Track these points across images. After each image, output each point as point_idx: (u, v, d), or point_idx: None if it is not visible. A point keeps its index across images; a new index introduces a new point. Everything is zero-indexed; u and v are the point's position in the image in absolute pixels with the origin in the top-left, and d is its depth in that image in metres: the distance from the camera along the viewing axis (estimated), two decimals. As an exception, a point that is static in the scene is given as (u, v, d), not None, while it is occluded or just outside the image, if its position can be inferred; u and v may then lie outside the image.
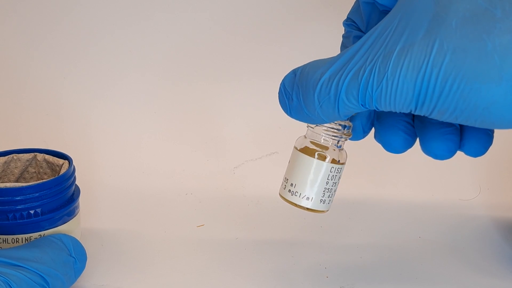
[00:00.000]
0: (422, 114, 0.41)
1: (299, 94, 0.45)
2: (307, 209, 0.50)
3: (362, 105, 0.42)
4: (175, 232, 0.62)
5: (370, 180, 0.72)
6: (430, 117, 0.41)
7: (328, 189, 0.50)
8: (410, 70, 0.39)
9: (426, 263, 0.58)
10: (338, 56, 0.43)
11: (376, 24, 0.47)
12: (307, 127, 0.50)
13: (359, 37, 0.48)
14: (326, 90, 0.43)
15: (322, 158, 0.49)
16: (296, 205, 0.50)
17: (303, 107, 0.45)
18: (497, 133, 0.75)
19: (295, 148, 0.50)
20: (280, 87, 0.47)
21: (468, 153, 0.48)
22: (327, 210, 0.51)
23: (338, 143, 0.49)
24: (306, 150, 0.49)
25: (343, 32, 0.51)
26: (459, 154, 0.74)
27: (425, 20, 0.39)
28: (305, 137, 0.50)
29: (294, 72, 0.46)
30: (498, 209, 0.67)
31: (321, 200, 0.50)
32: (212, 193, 0.70)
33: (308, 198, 0.49)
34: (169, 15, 0.76)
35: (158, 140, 0.75)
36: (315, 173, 0.49)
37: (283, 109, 0.47)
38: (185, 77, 0.77)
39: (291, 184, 0.50)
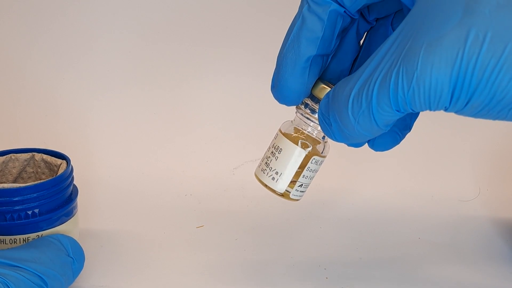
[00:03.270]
0: (454, 111, 0.39)
1: (335, 116, 0.44)
2: (280, 194, 0.49)
3: (397, 110, 0.40)
4: (174, 233, 0.62)
5: (370, 181, 0.72)
6: (460, 113, 0.39)
7: (304, 179, 0.49)
8: (443, 65, 0.37)
9: (426, 263, 0.58)
10: (365, 66, 0.42)
11: (367, 5, 0.46)
12: (296, 113, 0.49)
13: (337, 12, 0.45)
14: (358, 105, 0.42)
15: (305, 146, 0.49)
16: (269, 188, 0.49)
17: (342, 128, 0.43)
18: (496, 134, 0.75)
19: (280, 131, 0.49)
20: (318, 115, 0.46)
21: (371, 147, 0.49)
22: (299, 200, 0.50)
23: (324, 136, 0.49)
24: (289, 136, 0.49)
25: None
26: (460, 155, 0.74)
27: (455, 11, 0.38)
28: (292, 123, 0.50)
29: (327, 96, 0.45)
30: (498, 210, 0.67)
31: (295, 189, 0.49)
32: (212, 194, 0.70)
33: (283, 184, 0.49)
34: (169, 15, 0.76)
35: (157, 141, 0.75)
36: (294, 160, 0.48)
37: (327, 136, 0.46)
38: (185, 77, 0.77)
39: (268, 166, 0.49)
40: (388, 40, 0.41)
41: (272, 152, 0.49)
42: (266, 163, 0.49)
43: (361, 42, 0.50)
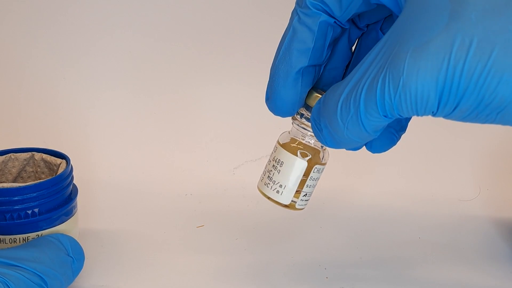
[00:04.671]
0: (442, 116, 0.39)
1: (325, 122, 0.44)
2: (285, 206, 0.50)
3: (384, 116, 0.40)
4: (174, 232, 0.62)
5: (370, 180, 0.72)
6: (448, 118, 0.39)
7: (308, 188, 0.49)
8: (429, 70, 0.37)
9: (426, 263, 0.58)
10: (353, 72, 0.42)
11: (357, 14, 0.46)
12: (292, 123, 0.49)
13: (327, 23, 0.45)
14: (346, 110, 0.42)
15: (304, 156, 0.49)
16: (273, 200, 0.50)
17: (333, 134, 0.44)
18: (496, 134, 0.75)
19: (278, 143, 0.50)
20: (311, 121, 0.46)
21: (369, 149, 0.48)
22: (303, 208, 0.51)
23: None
24: (288, 147, 0.49)
25: (299, 7, 0.45)
26: (460, 154, 0.74)
27: (441, 17, 0.38)
28: (289, 134, 0.50)
29: (319, 102, 0.45)
30: (498, 210, 0.67)
31: (300, 199, 0.50)
32: (212, 193, 0.70)
33: (286, 195, 0.49)
34: (169, 16, 0.76)
35: (157, 140, 0.75)
36: (296, 171, 0.49)
37: (320, 142, 0.46)
38: (184, 77, 0.77)
39: (271, 180, 0.49)
40: (376, 46, 0.41)
41: (273, 166, 0.50)
42: (268, 176, 0.50)
43: (353, 48, 0.50)
